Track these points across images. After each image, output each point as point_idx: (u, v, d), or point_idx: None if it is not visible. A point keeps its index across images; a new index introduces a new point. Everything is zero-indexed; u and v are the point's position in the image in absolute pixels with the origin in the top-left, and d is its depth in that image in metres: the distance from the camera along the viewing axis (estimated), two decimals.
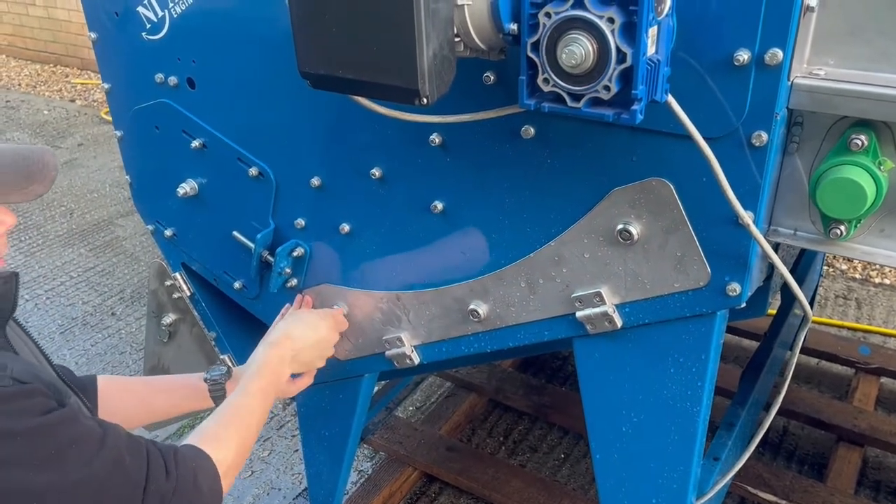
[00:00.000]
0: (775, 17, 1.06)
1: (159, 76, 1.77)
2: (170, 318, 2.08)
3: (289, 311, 1.74)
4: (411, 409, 3.00)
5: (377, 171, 1.56)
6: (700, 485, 1.58)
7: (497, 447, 2.79)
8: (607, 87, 1.00)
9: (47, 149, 1.24)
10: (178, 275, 2.04)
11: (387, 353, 1.76)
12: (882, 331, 3.39)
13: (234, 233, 1.83)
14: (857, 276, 3.85)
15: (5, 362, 1.08)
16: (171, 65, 1.75)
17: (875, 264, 3.77)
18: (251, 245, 1.79)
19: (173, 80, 1.76)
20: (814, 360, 3.12)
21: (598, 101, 1.03)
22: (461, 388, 2.98)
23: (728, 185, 1.14)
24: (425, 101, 1.04)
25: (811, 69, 1.15)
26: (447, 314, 1.63)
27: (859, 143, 1.11)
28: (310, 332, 1.61)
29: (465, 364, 2.89)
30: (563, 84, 1.03)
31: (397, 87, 1.05)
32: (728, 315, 1.36)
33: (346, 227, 1.68)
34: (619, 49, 0.97)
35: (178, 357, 2.12)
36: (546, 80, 1.04)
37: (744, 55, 1.09)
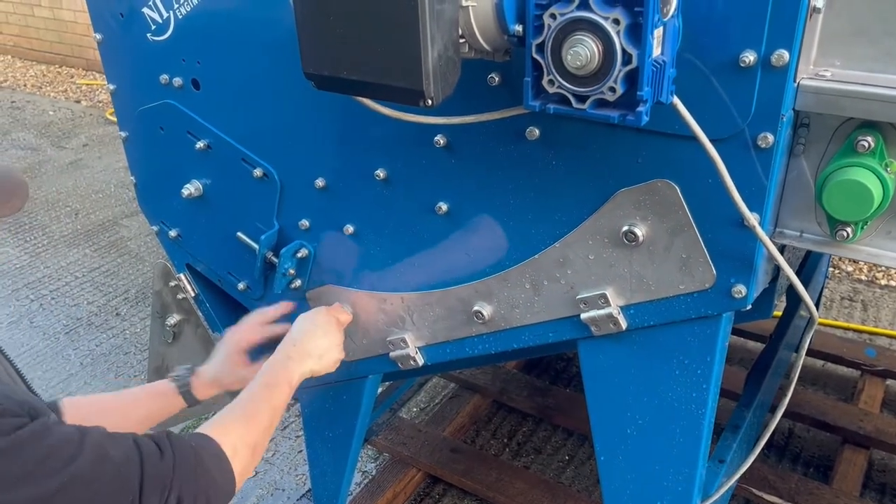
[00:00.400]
0: (781, 19, 1.06)
1: (164, 77, 1.78)
2: (174, 318, 2.08)
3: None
4: (415, 410, 3.00)
5: (381, 173, 1.56)
6: (705, 487, 1.58)
7: (501, 449, 2.79)
8: (613, 89, 1.00)
9: (12, 165, 1.22)
10: (182, 275, 2.04)
11: (391, 354, 1.76)
12: (888, 333, 3.37)
13: (239, 234, 1.83)
14: (862, 277, 3.84)
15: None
16: (175, 66, 1.75)
17: (881, 266, 3.75)
18: (255, 246, 1.79)
19: (178, 81, 1.76)
20: (819, 362, 3.11)
21: (603, 103, 1.03)
22: (465, 389, 2.98)
23: (734, 187, 1.14)
24: (430, 102, 1.04)
25: (817, 70, 1.14)
26: (451, 315, 1.62)
27: (866, 144, 1.11)
28: (305, 324, 1.60)
29: (469, 365, 2.88)
30: (569, 85, 1.03)
31: (402, 88, 1.05)
32: (734, 317, 1.35)
33: (350, 228, 1.68)
34: (624, 50, 0.97)
35: (183, 358, 2.12)
36: (551, 82, 1.04)
37: (750, 56, 1.08)
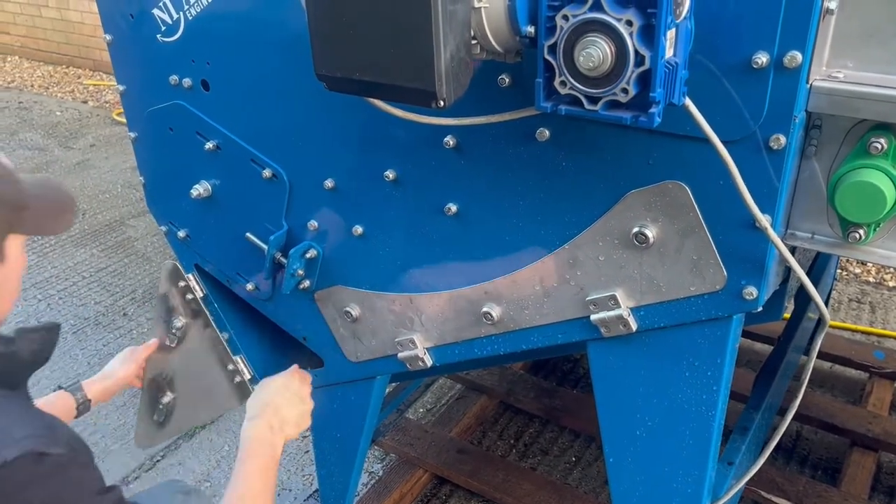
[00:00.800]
0: (794, 20, 1.05)
1: (174, 78, 1.78)
2: (180, 321, 2.08)
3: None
4: (422, 410, 3.00)
5: (391, 174, 1.56)
6: (714, 489, 1.57)
7: (508, 450, 2.79)
8: (625, 90, 1.00)
9: (60, 181, 1.28)
10: (191, 276, 2.05)
11: (399, 354, 1.76)
12: None
13: (248, 234, 1.83)
14: (870, 279, 3.82)
15: (54, 422, 1.07)
16: (185, 67, 1.75)
17: (890, 268, 3.74)
18: (264, 246, 1.79)
19: (188, 81, 1.76)
20: (827, 364, 3.10)
21: (615, 104, 1.03)
22: (472, 390, 2.97)
23: (746, 189, 1.14)
24: (442, 103, 1.04)
25: (830, 72, 1.14)
26: (460, 316, 1.62)
27: (879, 146, 1.10)
28: (284, 393, 1.53)
29: (477, 366, 2.88)
30: (581, 87, 1.03)
31: (414, 89, 1.05)
32: (744, 319, 1.35)
33: (359, 229, 1.68)
34: (637, 52, 0.97)
35: (186, 363, 2.11)
36: (563, 83, 1.04)
37: (762, 58, 1.08)
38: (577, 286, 1.43)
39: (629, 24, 0.96)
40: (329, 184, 1.67)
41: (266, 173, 1.74)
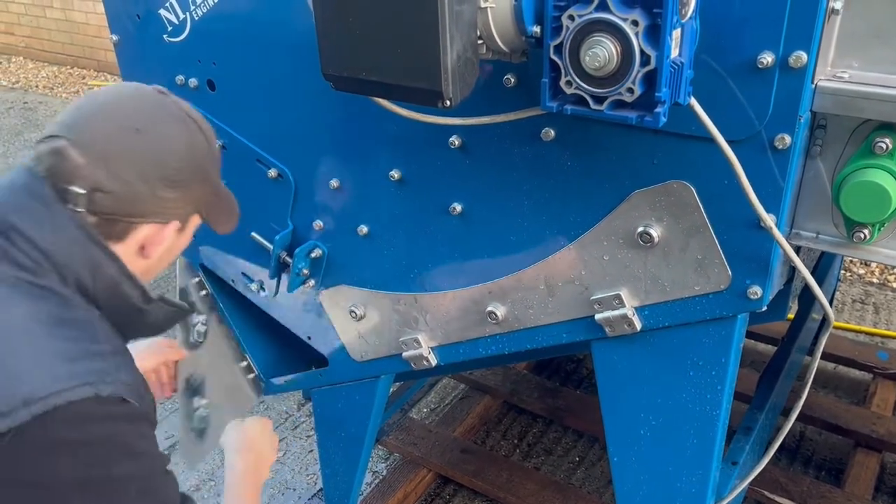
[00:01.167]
0: (800, 20, 1.06)
1: (180, 78, 1.79)
2: (202, 317, 2.07)
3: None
4: (426, 410, 3.00)
5: (396, 173, 1.57)
6: (718, 489, 1.58)
7: (511, 450, 2.79)
8: (631, 90, 1.00)
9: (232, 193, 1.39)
10: (197, 279, 2.05)
11: (404, 354, 1.77)
12: None
13: (253, 234, 1.84)
14: (874, 280, 3.82)
15: (141, 384, 1.12)
16: (191, 67, 1.76)
17: (894, 268, 3.73)
18: (269, 246, 1.80)
19: (194, 81, 1.77)
20: (831, 365, 3.10)
21: (621, 104, 1.03)
22: (475, 390, 2.98)
23: (751, 188, 1.14)
24: (449, 103, 1.05)
25: (835, 72, 1.14)
26: (465, 316, 1.63)
27: (884, 146, 1.10)
28: (265, 440, 1.58)
29: (481, 366, 2.88)
30: (586, 86, 1.03)
31: (421, 89, 1.06)
32: (748, 318, 1.35)
33: (364, 229, 1.69)
34: (643, 51, 0.97)
35: (210, 362, 2.10)
36: (569, 83, 1.04)
37: (768, 58, 1.08)
38: (581, 285, 1.43)
39: (635, 23, 0.97)
40: (334, 183, 1.67)
41: (272, 173, 1.74)
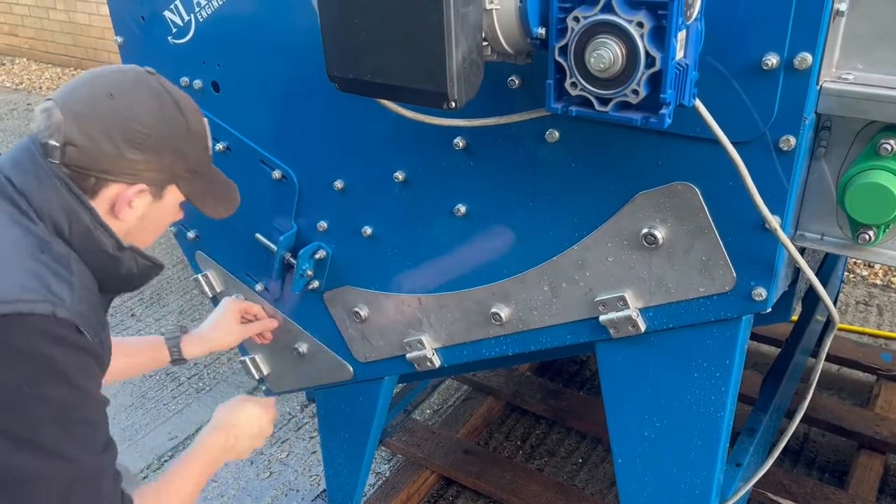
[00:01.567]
0: (805, 22, 1.06)
1: (184, 80, 1.79)
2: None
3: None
4: (429, 412, 3.00)
5: (400, 175, 1.57)
6: (722, 490, 1.57)
7: (514, 451, 2.79)
8: (636, 92, 1.00)
9: (235, 184, 1.46)
10: (200, 277, 2.06)
11: (408, 355, 1.77)
12: None
13: (257, 235, 1.84)
14: (877, 282, 3.81)
15: (105, 326, 1.25)
16: (196, 68, 1.77)
17: None
18: (274, 247, 1.80)
19: (198, 83, 1.77)
20: (835, 367, 3.09)
21: (625, 105, 1.03)
22: (478, 391, 2.98)
23: (755, 190, 1.14)
24: (454, 104, 1.05)
25: (840, 73, 1.14)
26: (469, 317, 1.63)
27: (889, 147, 1.10)
28: (254, 423, 1.60)
29: (485, 367, 2.88)
30: (592, 88, 1.03)
31: (426, 90, 1.06)
32: (753, 320, 1.35)
33: (368, 230, 1.69)
34: (648, 53, 0.98)
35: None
36: (574, 84, 1.04)
37: (772, 59, 1.08)
38: (585, 287, 1.44)
39: (640, 25, 0.97)
40: (338, 185, 1.67)
41: (276, 174, 1.75)
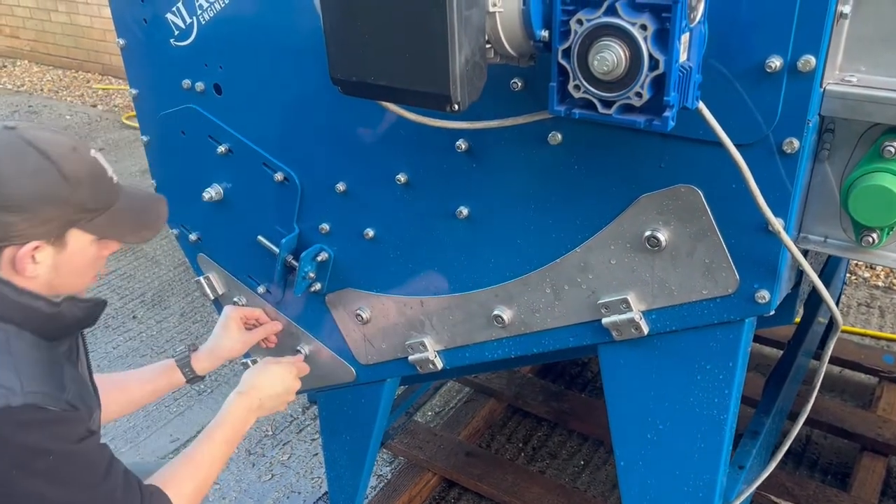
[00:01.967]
0: (808, 24, 1.06)
1: (186, 82, 1.79)
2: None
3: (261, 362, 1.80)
4: (430, 414, 3.00)
5: (402, 177, 1.57)
6: (725, 493, 1.57)
7: (516, 453, 2.79)
8: (639, 94, 1.00)
9: (161, 198, 1.43)
10: (202, 279, 2.05)
11: (410, 357, 1.77)
12: None
13: (259, 237, 1.84)
14: (879, 283, 3.81)
15: (66, 384, 1.25)
16: (198, 71, 1.77)
17: None
18: (276, 249, 1.80)
19: (200, 85, 1.77)
20: (837, 369, 3.09)
21: (629, 108, 1.03)
22: (480, 393, 2.98)
23: (759, 192, 1.14)
24: (457, 107, 1.05)
25: (843, 76, 1.14)
26: (471, 319, 1.63)
27: (892, 150, 1.10)
28: (277, 383, 1.71)
29: (487, 370, 2.88)
30: (595, 90, 1.03)
31: (429, 93, 1.06)
32: (756, 322, 1.35)
33: (370, 233, 1.69)
34: (651, 56, 0.97)
35: None
36: (577, 87, 1.04)
37: (776, 62, 1.08)
38: (588, 289, 1.43)
39: (643, 28, 0.97)
40: (340, 187, 1.67)
41: (278, 177, 1.75)
